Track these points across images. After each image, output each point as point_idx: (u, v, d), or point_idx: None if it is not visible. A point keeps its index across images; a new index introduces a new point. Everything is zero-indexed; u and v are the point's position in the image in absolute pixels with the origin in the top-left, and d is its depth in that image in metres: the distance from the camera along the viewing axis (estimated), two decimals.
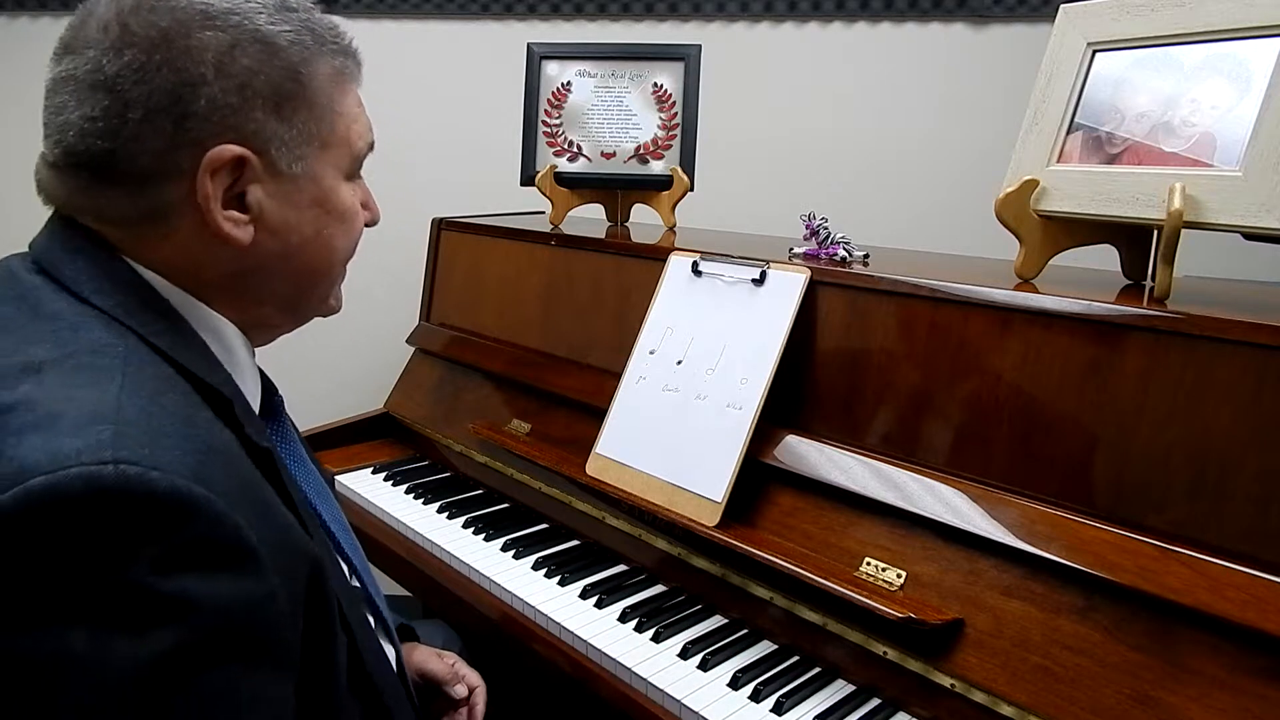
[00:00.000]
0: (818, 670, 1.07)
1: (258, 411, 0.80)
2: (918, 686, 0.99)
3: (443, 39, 2.25)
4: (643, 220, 1.79)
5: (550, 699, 1.19)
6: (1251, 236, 0.93)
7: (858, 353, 1.15)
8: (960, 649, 0.96)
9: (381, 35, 2.25)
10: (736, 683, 1.03)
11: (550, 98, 1.73)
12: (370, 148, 0.80)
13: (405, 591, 1.52)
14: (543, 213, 1.83)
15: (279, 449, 0.79)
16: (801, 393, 1.20)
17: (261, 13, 0.70)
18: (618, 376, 1.35)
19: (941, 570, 1.01)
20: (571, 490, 1.41)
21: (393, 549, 1.45)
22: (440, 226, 1.89)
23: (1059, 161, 1.07)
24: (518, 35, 2.17)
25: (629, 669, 1.07)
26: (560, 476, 1.39)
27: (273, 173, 0.71)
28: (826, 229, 1.29)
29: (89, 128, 0.66)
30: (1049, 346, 0.98)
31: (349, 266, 0.84)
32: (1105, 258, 1.16)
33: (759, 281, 1.23)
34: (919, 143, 2.16)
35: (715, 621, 1.17)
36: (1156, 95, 1.00)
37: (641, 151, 1.72)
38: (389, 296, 2.27)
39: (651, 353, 1.33)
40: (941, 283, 1.07)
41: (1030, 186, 1.07)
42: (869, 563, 1.06)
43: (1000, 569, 0.97)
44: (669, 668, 1.07)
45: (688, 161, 1.70)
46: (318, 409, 1.90)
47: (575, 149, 1.73)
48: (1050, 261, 1.10)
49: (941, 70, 2.13)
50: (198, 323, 0.72)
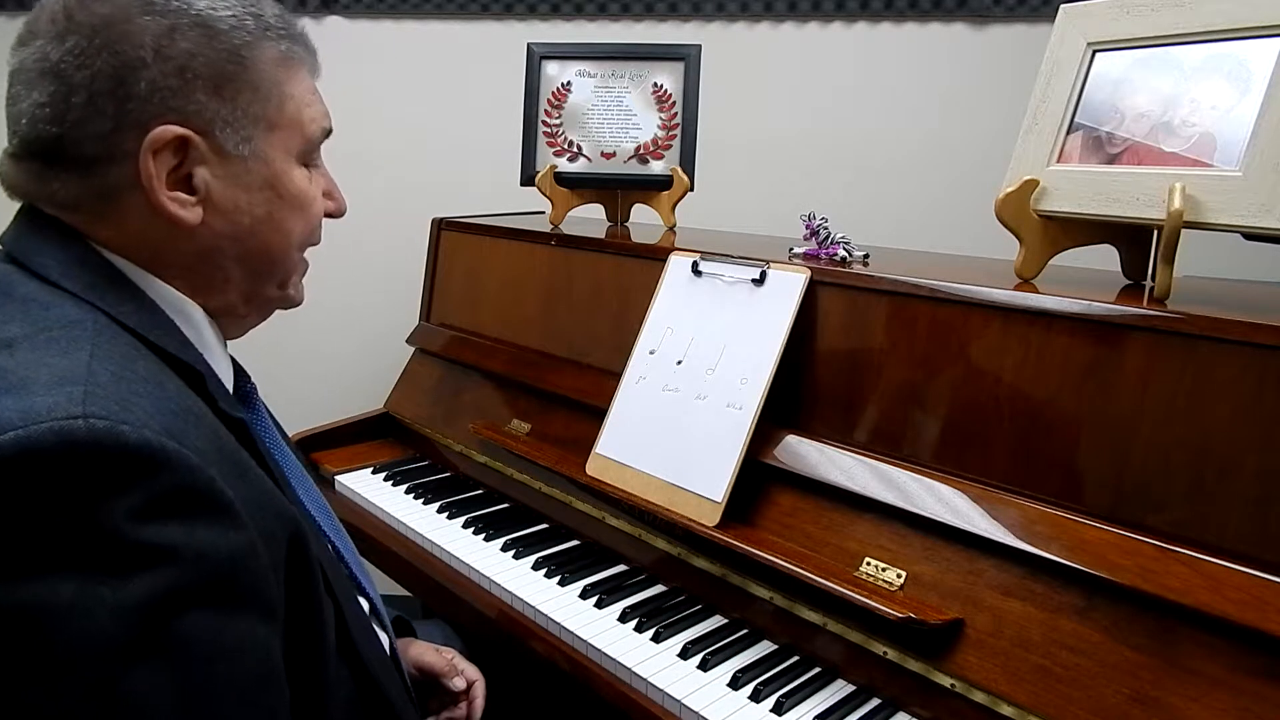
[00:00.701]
0: (818, 670, 1.07)
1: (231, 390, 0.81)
2: (918, 686, 0.99)
3: (443, 39, 2.25)
4: (643, 220, 1.79)
5: (550, 699, 1.19)
6: (1251, 236, 0.93)
7: (858, 353, 1.15)
8: (960, 649, 0.96)
9: (381, 35, 2.25)
10: (736, 683, 1.03)
11: (550, 98, 1.73)
12: (326, 134, 0.81)
13: (405, 591, 1.52)
14: (543, 213, 1.83)
15: (255, 425, 0.81)
16: (801, 393, 1.20)
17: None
18: (618, 376, 1.35)
19: (941, 570, 1.01)
20: (571, 490, 1.41)
21: (393, 549, 1.45)
22: (440, 226, 1.89)
23: (1059, 161, 1.07)
24: (518, 35, 2.17)
25: (629, 669, 1.07)
26: (560, 476, 1.39)
27: (220, 154, 0.72)
28: (826, 229, 1.29)
29: (38, 114, 0.68)
30: (1049, 346, 0.98)
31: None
32: (1105, 258, 1.16)
33: (759, 281, 1.23)
34: (919, 143, 2.16)
35: (715, 621, 1.17)
36: (1156, 95, 1.00)
37: (641, 151, 1.72)
38: (389, 296, 2.27)
39: (651, 353, 1.33)
40: (941, 283, 1.07)
41: (1030, 186, 1.07)
42: (869, 563, 1.06)
43: (1000, 569, 0.97)
44: (669, 668, 1.07)
45: (688, 161, 1.70)
46: (318, 409, 1.90)
47: (575, 149, 1.73)
48: (1050, 261, 1.10)
49: (941, 70, 2.13)
50: (165, 305, 0.73)
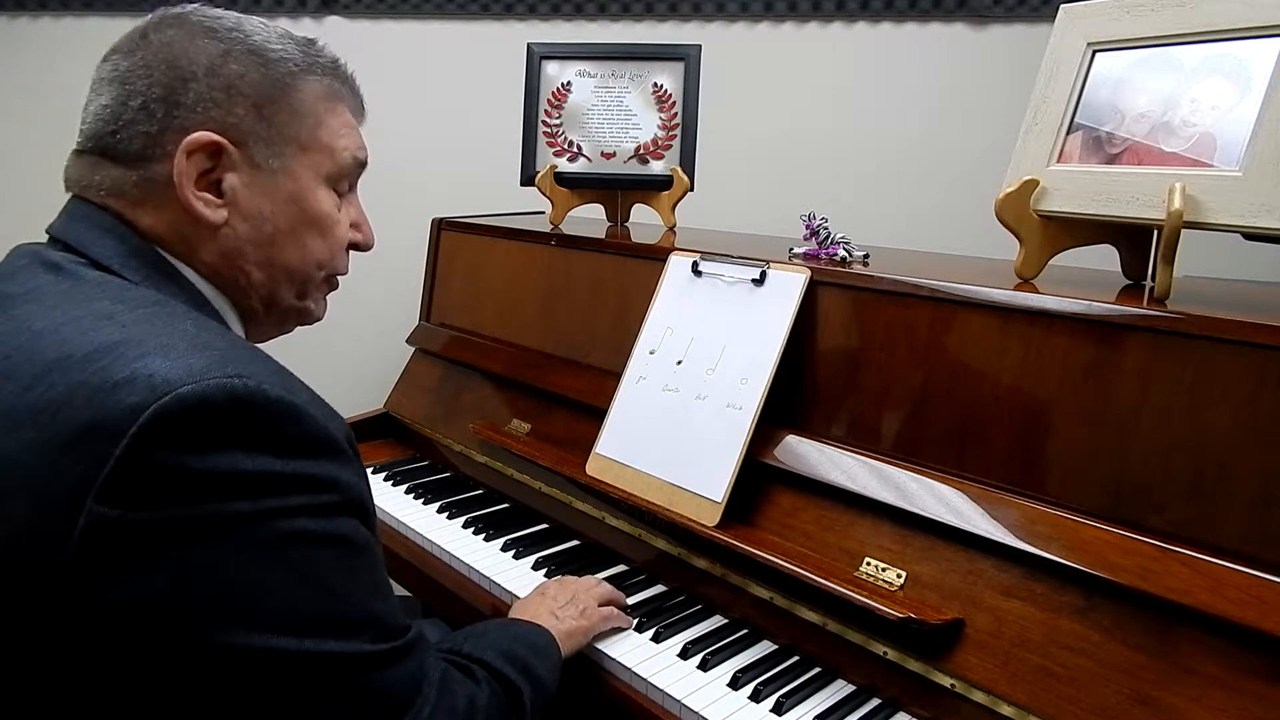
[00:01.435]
0: (818, 670, 1.07)
1: None
2: (918, 686, 0.99)
3: (443, 39, 2.25)
4: (643, 220, 1.79)
5: (549, 704, 1.19)
6: (1251, 236, 0.93)
7: (858, 353, 1.15)
8: (960, 649, 0.96)
9: (381, 35, 2.25)
10: (736, 683, 1.03)
11: (550, 98, 1.73)
12: (359, 165, 0.89)
13: (405, 591, 1.52)
14: (543, 213, 1.83)
15: None
16: (801, 393, 1.20)
17: (259, 32, 0.81)
18: (618, 376, 1.35)
19: (941, 570, 1.01)
20: (571, 490, 1.41)
21: (392, 549, 1.45)
22: (440, 226, 1.89)
23: (1059, 161, 1.07)
24: (518, 35, 2.17)
25: (629, 669, 1.07)
26: (560, 476, 1.39)
27: (251, 165, 0.80)
28: (826, 229, 1.29)
29: (101, 114, 0.78)
30: (1049, 346, 0.98)
31: (350, 270, 0.89)
32: (1105, 258, 1.16)
33: (759, 281, 1.23)
34: (919, 143, 2.16)
35: (715, 621, 1.17)
36: (1156, 95, 1.00)
37: (641, 151, 1.72)
38: (389, 296, 2.27)
39: (651, 353, 1.33)
40: (941, 283, 1.07)
41: (1030, 186, 1.07)
42: (869, 563, 1.06)
43: (1000, 569, 0.97)
44: (669, 668, 1.07)
45: (688, 161, 1.70)
46: None
47: (575, 149, 1.73)
48: (1050, 261, 1.10)
49: (941, 70, 2.13)
50: (211, 298, 0.82)
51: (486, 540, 1.40)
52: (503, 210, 1.97)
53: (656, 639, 1.12)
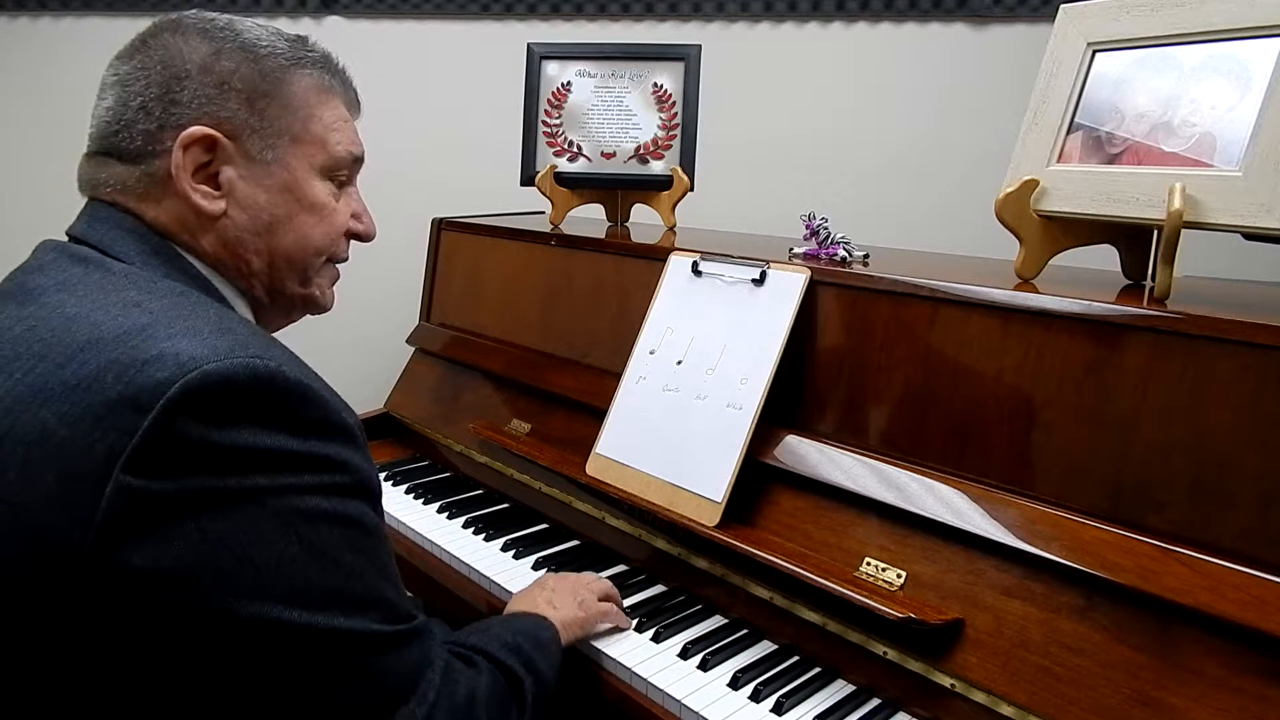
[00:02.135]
0: (818, 670, 1.07)
1: None
2: (918, 686, 0.99)
3: (443, 39, 2.25)
4: (643, 220, 1.79)
5: (549, 699, 1.19)
6: (1251, 236, 0.93)
7: (858, 353, 1.15)
8: (960, 649, 0.96)
9: (381, 35, 2.25)
10: (736, 683, 1.03)
11: (550, 98, 1.73)
12: (355, 159, 0.92)
13: (406, 591, 1.52)
14: (543, 213, 1.83)
15: None
16: (801, 393, 1.20)
17: (250, 31, 0.86)
18: (618, 376, 1.35)
19: (941, 570, 1.01)
20: (571, 490, 1.41)
21: (393, 549, 1.45)
22: (440, 226, 1.89)
23: (1059, 161, 1.07)
24: (518, 35, 2.17)
25: (629, 669, 1.07)
26: (560, 476, 1.39)
27: (246, 157, 0.84)
28: (826, 229, 1.29)
29: (105, 115, 0.83)
30: (1049, 346, 0.98)
31: (350, 270, 0.90)
32: (1105, 258, 1.16)
33: (759, 281, 1.23)
34: (919, 143, 2.16)
35: (715, 621, 1.17)
36: (1156, 95, 1.00)
37: (641, 151, 1.72)
38: (389, 296, 2.27)
39: (651, 353, 1.33)
40: (941, 283, 1.07)
41: (1030, 186, 1.07)
42: (869, 563, 1.06)
43: (1000, 569, 0.97)
44: (669, 668, 1.07)
45: (688, 161, 1.70)
46: None
47: (575, 149, 1.73)
48: (1050, 261, 1.10)
49: (941, 70, 2.13)
50: (220, 287, 0.86)
51: (486, 540, 1.40)
52: (503, 210, 1.97)
53: (656, 639, 1.12)
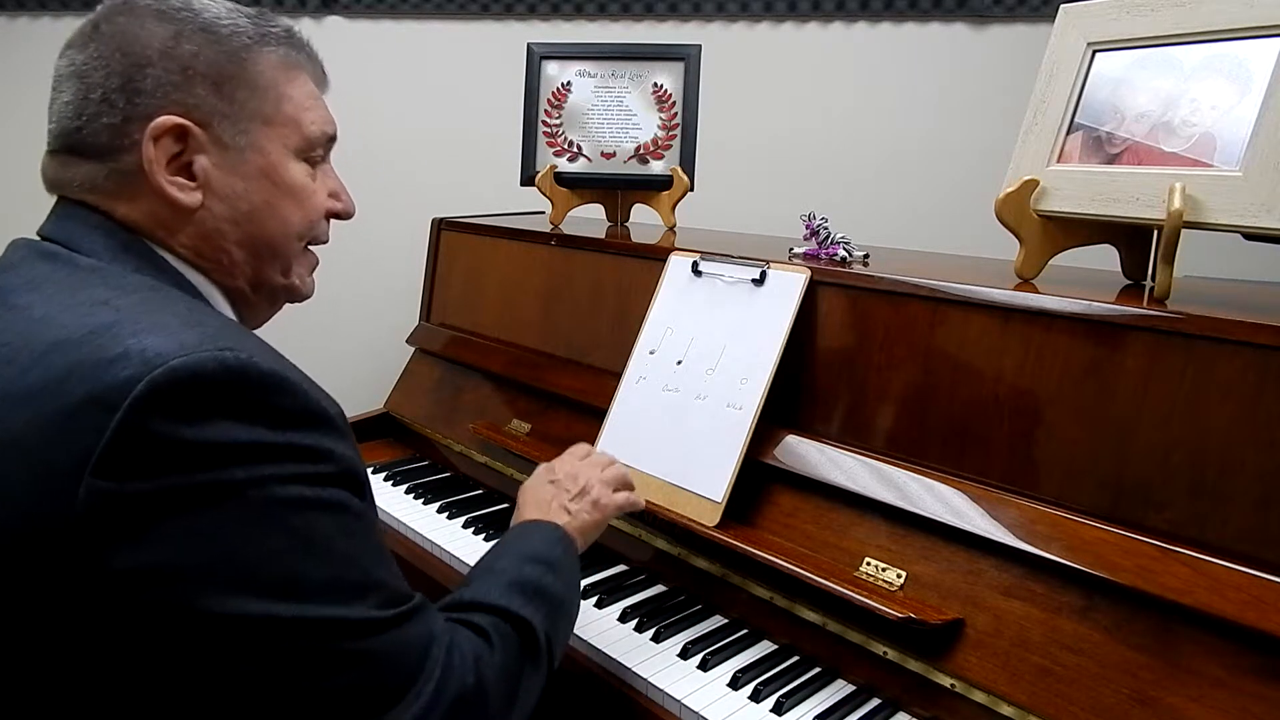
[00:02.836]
0: (818, 670, 1.07)
1: None
2: (918, 686, 0.99)
3: (443, 39, 2.25)
4: (643, 220, 1.79)
5: (549, 699, 1.19)
6: (1251, 236, 0.93)
7: (858, 353, 1.15)
8: (960, 649, 0.96)
9: (381, 35, 2.25)
10: (736, 683, 1.03)
11: (550, 98, 1.73)
12: (329, 138, 0.89)
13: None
14: (543, 213, 1.83)
15: None
16: (801, 393, 1.20)
17: (208, 10, 0.81)
18: (618, 376, 1.35)
19: (941, 570, 1.01)
20: None
21: (392, 549, 1.44)
22: (440, 226, 1.89)
23: (1059, 161, 1.07)
24: (518, 35, 2.17)
25: (629, 669, 1.07)
26: None
27: (219, 144, 0.80)
28: (826, 229, 1.29)
29: (64, 111, 0.78)
30: (1049, 346, 0.98)
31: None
32: (1105, 258, 1.16)
33: (759, 281, 1.23)
34: (919, 143, 2.16)
35: (715, 621, 1.17)
36: (1156, 95, 1.00)
37: (641, 151, 1.72)
38: (389, 296, 2.27)
39: (651, 353, 1.33)
40: (941, 283, 1.07)
41: (1030, 186, 1.07)
42: (869, 563, 1.06)
43: (1000, 569, 0.97)
44: (669, 668, 1.07)
45: (688, 161, 1.70)
46: None
47: (575, 149, 1.73)
48: (1050, 261, 1.10)
49: (941, 70, 2.13)
50: (198, 284, 0.83)
51: (486, 540, 1.40)
52: (503, 210, 1.97)
53: (656, 639, 1.12)
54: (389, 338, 2.00)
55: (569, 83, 1.73)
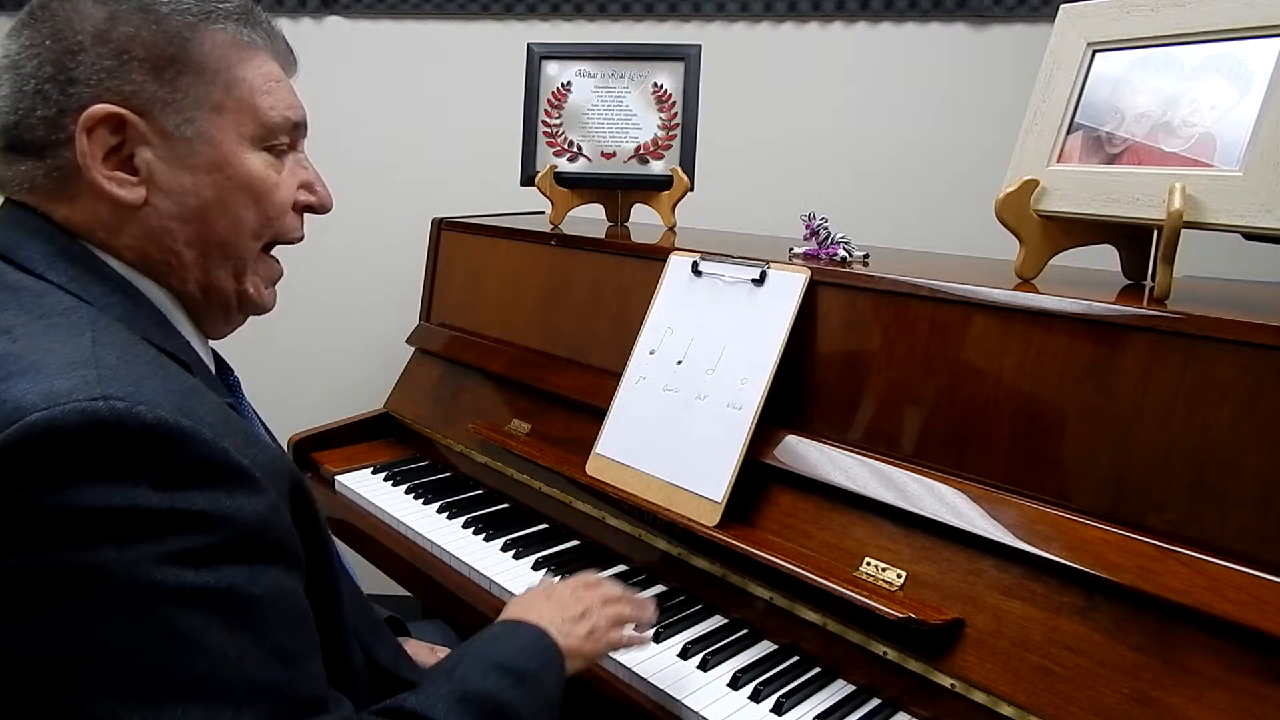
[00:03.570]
0: (818, 670, 1.07)
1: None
2: (918, 686, 0.99)
3: (443, 39, 2.25)
4: (643, 220, 1.79)
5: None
6: (1251, 236, 0.93)
7: (858, 353, 1.15)
8: (960, 649, 0.96)
9: (381, 35, 2.25)
10: (736, 683, 1.03)
11: (550, 98, 1.73)
12: (293, 124, 0.81)
13: (405, 591, 1.52)
14: (543, 213, 1.83)
15: (242, 411, 0.84)
16: (801, 393, 1.20)
17: None
18: (618, 376, 1.35)
19: (941, 570, 1.01)
20: (571, 490, 1.41)
21: (393, 549, 1.45)
22: (440, 226, 1.89)
23: (1059, 161, 1.07)
24: (518, 35, 2.17)
25: (629, 669, 1.07)
26: (560, 476, 1.39)
27: (162, 135, 0.73)
28: (826, 229, 1.29)
29: (4, 105, 0.72)
30: (1049, 346, 0.98)
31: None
32: (1105, 258, 1.16)
33: (759, 281, 1.23)
34: (919, 143, 2.16)
35: (715, 621, 1.17)
36: (1156, 95, 1.00)
37: (641, 151, 1.72)
38: (389, 296, 2.27)
39: (651, 353, 1.33)
40: (941, 283, 1.07)
41: (1030, 186, 1.07)
42: (869, 563, 1.06)
43: (1000, 569, 0.97)
44: (669, 668, 1.07)
45: (688, 161, 1.70)
46: (318, 409, 1.90)
47: (575, 149, 1.73)
48: (1050, 261, 1.10)
49: (941, 70, 2.13)
50: (145, 290, 0.76)
51: (486, 540, 1.40)
52: (503, 210, 1.97)
53: (656, 639, 1.12)
54: (389, 338, 2.00)
55: (569, 83, 1.73)
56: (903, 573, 1.03)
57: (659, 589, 1.26)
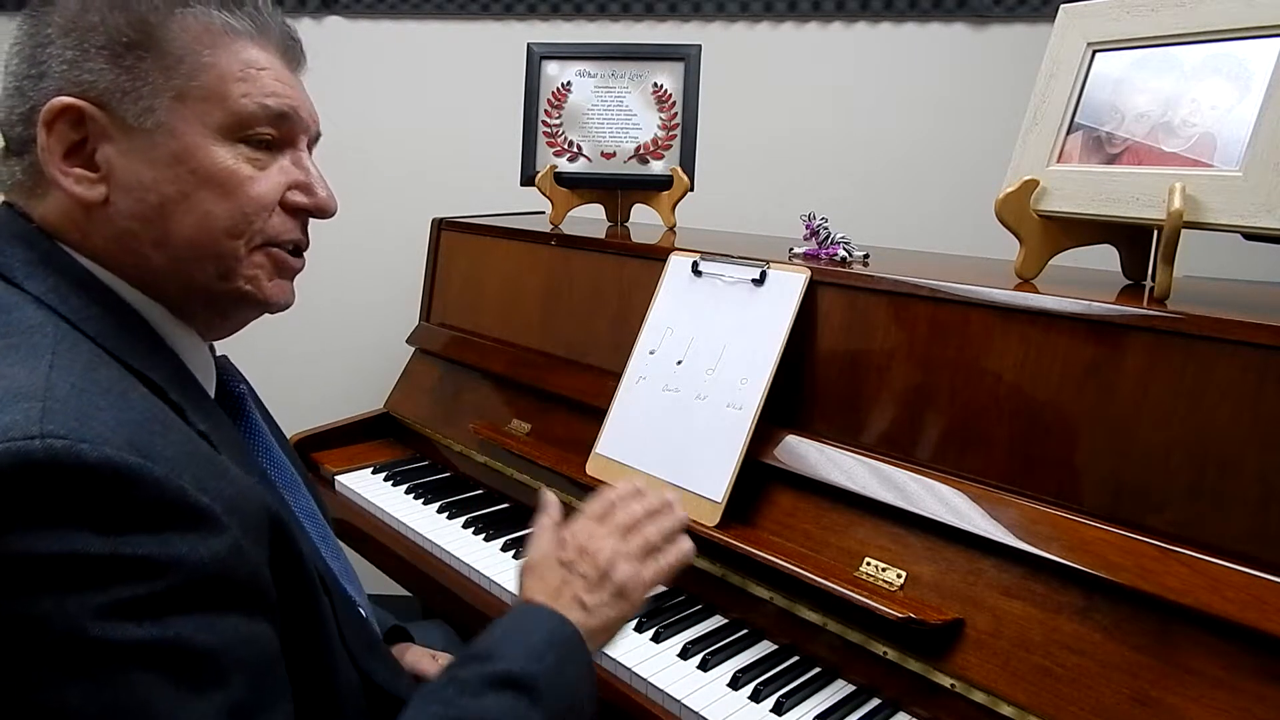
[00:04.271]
0: (818, 670, 1.07)
1: (212, 396, 0.79)
2: (917, 686, 0.99)
3: (443, 39, 2.25)
4: (643, 220, 1.79)
5: None
6: (1251, 236, 0.93)
7: (858, 353, 1.15)
8: (960, 649, 0.96)
9: (381, 35, 2.25)
10: (736, 683, 1.03)
11: (550, 98, 1.73)
12: (274, 115, 0.74)
13: (405, 591, 1.52)
14: (543, 213, 1.83)
15: (244, 429, 0.81)
16: (801, 393, 1.20)
17: None
18: (618, 376, 1.35)
19: (941, 570, 1.01)
20: (571, 490, 1.41)
21: (393, 549, 1.45)
22: (440, 226, 1.89)
23: (1059, 161, 1.07)
24: (518, 35, 2.17)
25: (629, 669, 1.07)
26: (560, 476, 1.39)
27: (122, 128, 0.69)
28: (826, 229, 1.29)
29: (0, 104, 0.71)
30: (1049, 346, 0.98)
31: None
32: (1105, 258, 1.16)
33: (759, 281, 1.23)
34: (919, 143, 2.16)
35: (715, 621, 1.17)
36: (1156, 95, 1.00)
37: (641, 151, 1.72)
38: (389, 296, 2.27)
39: (651, 353, 1.33)
40: (941, 283, 1.07)
41: (1030, 186, 1.07)
42: (869, 563, 1.06)
43: (1000, 569, 0.97)
44: (669, 668, 1.07)
45: (688, 161, 1.70)
46: (318, 409, 1.90)
47: (575, 149, 1.73)
48: (1050, 261, 1.10)
49: (941, 70, 2.13)
50: (133, 301, 0.72)
51: (486, 540, 1.40)
52: (503, 210, 1.97)
53: (656, 639, 1.12)
54: (389, 338, 2.00)
55: (569, 83, 1.73)
56: (903, 573, 1.03)
57: (658, 589, 1.26)
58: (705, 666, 1.07)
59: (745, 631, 1.14)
